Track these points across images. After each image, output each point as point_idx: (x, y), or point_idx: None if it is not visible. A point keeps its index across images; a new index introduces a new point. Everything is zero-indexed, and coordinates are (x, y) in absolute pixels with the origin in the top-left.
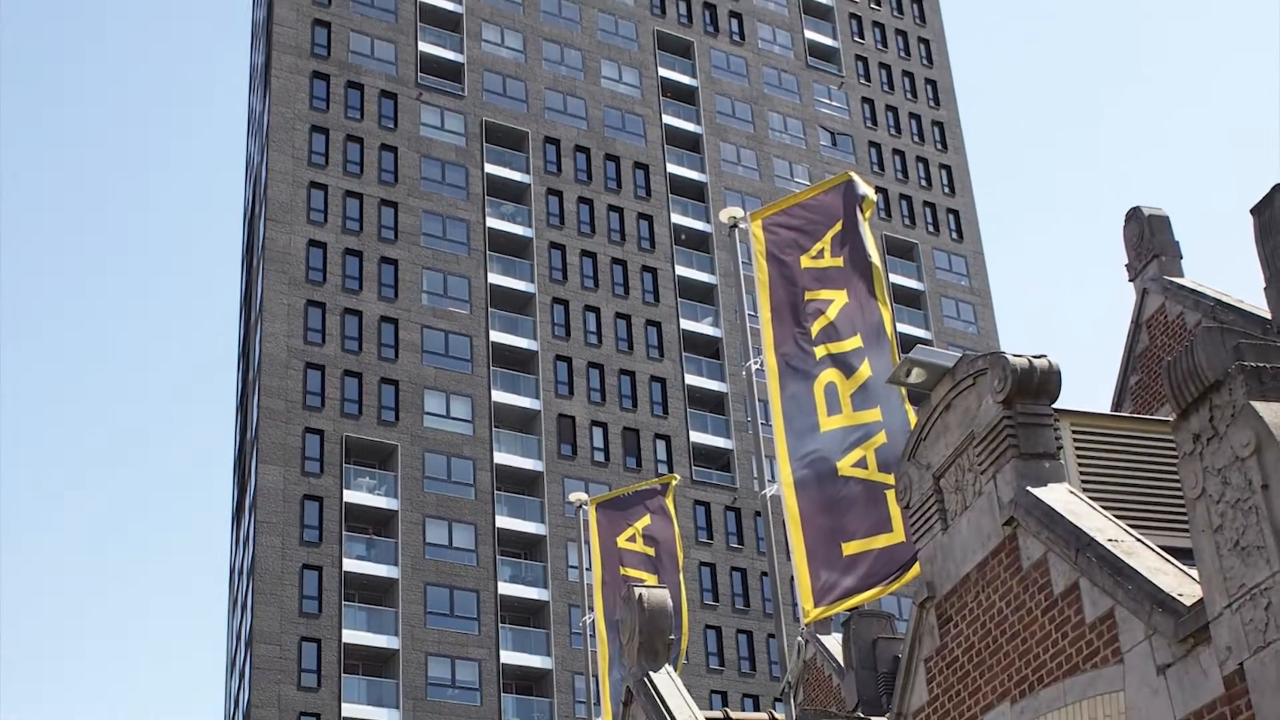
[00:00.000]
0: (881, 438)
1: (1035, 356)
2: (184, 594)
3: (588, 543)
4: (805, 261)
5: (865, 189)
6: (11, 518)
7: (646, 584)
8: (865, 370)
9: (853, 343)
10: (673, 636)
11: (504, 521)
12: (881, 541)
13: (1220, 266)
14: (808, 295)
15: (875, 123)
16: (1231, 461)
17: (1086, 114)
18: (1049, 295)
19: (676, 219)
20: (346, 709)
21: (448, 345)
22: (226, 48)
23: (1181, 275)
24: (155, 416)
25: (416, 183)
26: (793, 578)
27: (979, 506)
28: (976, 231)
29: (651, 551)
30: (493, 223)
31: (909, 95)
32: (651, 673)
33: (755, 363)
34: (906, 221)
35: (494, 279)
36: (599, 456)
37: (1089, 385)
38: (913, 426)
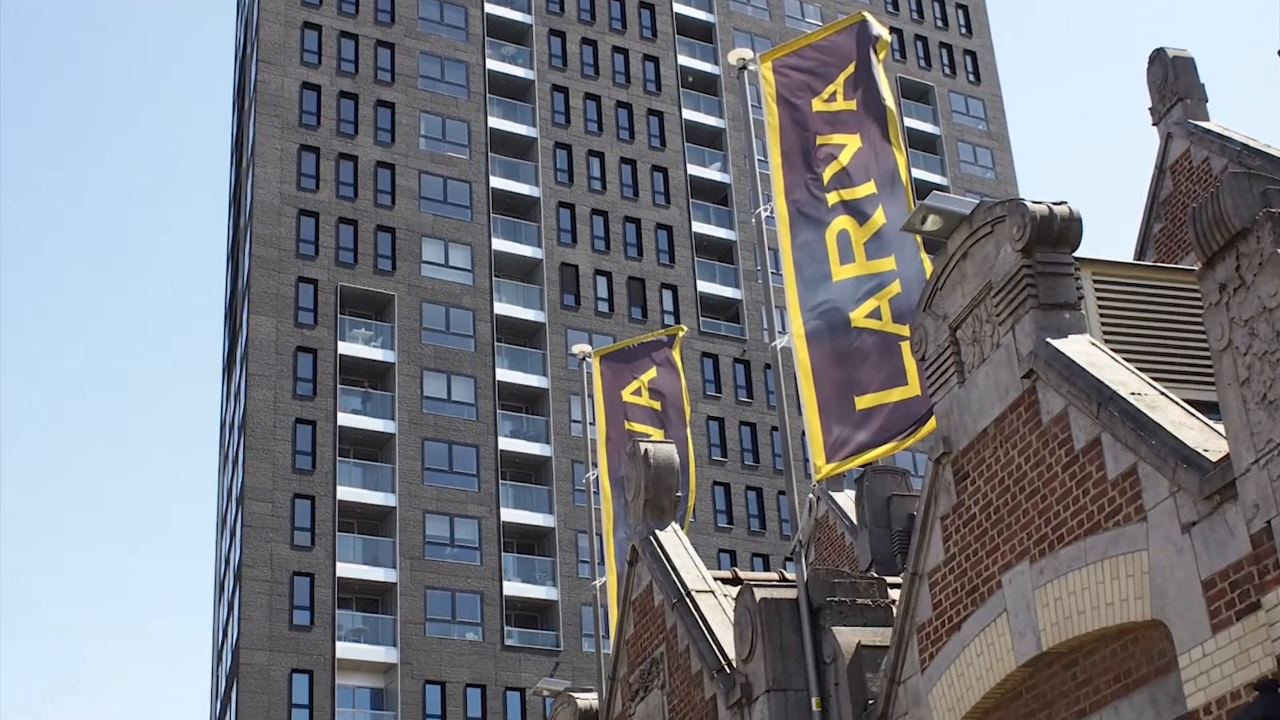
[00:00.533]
0: (896, 287)
1: (1055, 203)
2: (173, 449)
3: (591, 396)
4: (817, 105)
5: (879, 29)
6: None
7: (652, 439)
8: (879, 217)
9: (866, 189)
10: (679, 494)
11: (504, 374)
12: (896, 395)
13: (1247, 110)
14: (819, 140)
15: None
16: (1259, 312)
17: None
18: (1069, 140)
19: (683, 61)
20: (341, 568)
21: (446, 191)
22: None
23: (1207, 119)
24: (143, 265)
25: (414, 23)
26: (804, 432)
27: (997, 359)
28: (994, 74)
29: (657, 405)
30: (493, 65)
31: None
32: (657, 531)
33: (765, 209)
34: (922, 63)
35: (494, 123)
36: (603, 307)
37: (1111, 233)
38: (928, 276)
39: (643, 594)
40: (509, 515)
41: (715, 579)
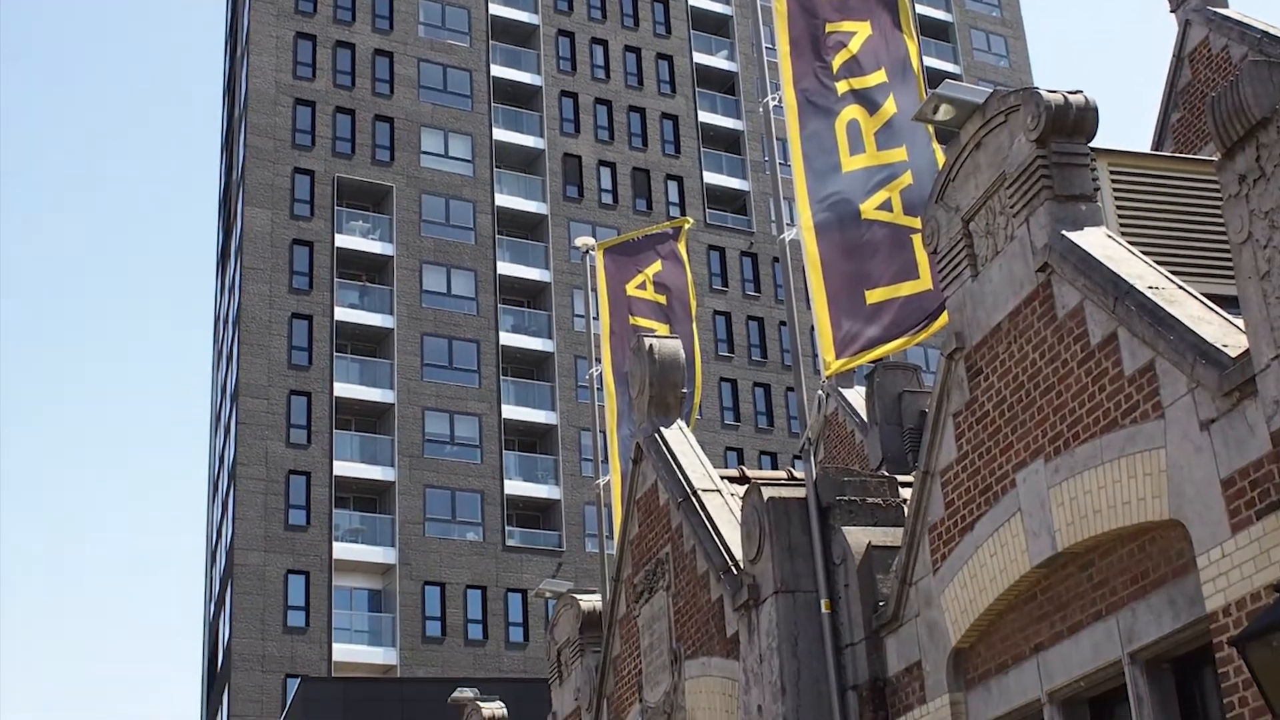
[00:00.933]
0: (907, 178)
1: (1071, 92)
2: (166, 344)
3: (595, 290)
4: None
5: None
6: None
7: (657, 334)
8: (890, 107)
9: (876, 77)
10: (685, 390)
11: (506, 268)
12: (907, 289)
13: None
14: (829, 27)
15: None
16: None
17: None
18: (1085, 27)
19: None
20: (338, 467)
21: (446, 80)
22: None
23: (1226, 5)
24: (136, 154)
25: None
26: (813, 327)
27: (1011, 251)
28: None
29: (662, 299)
30: None
31: None
32: (663, 428)
33: (773, 99)
34: None
35: (495, 9)
36: (607, 198)
37: (1128, 123)
38: (940, 167)
39: (647, 493)
40: (510, 412)
41: (722, 477)
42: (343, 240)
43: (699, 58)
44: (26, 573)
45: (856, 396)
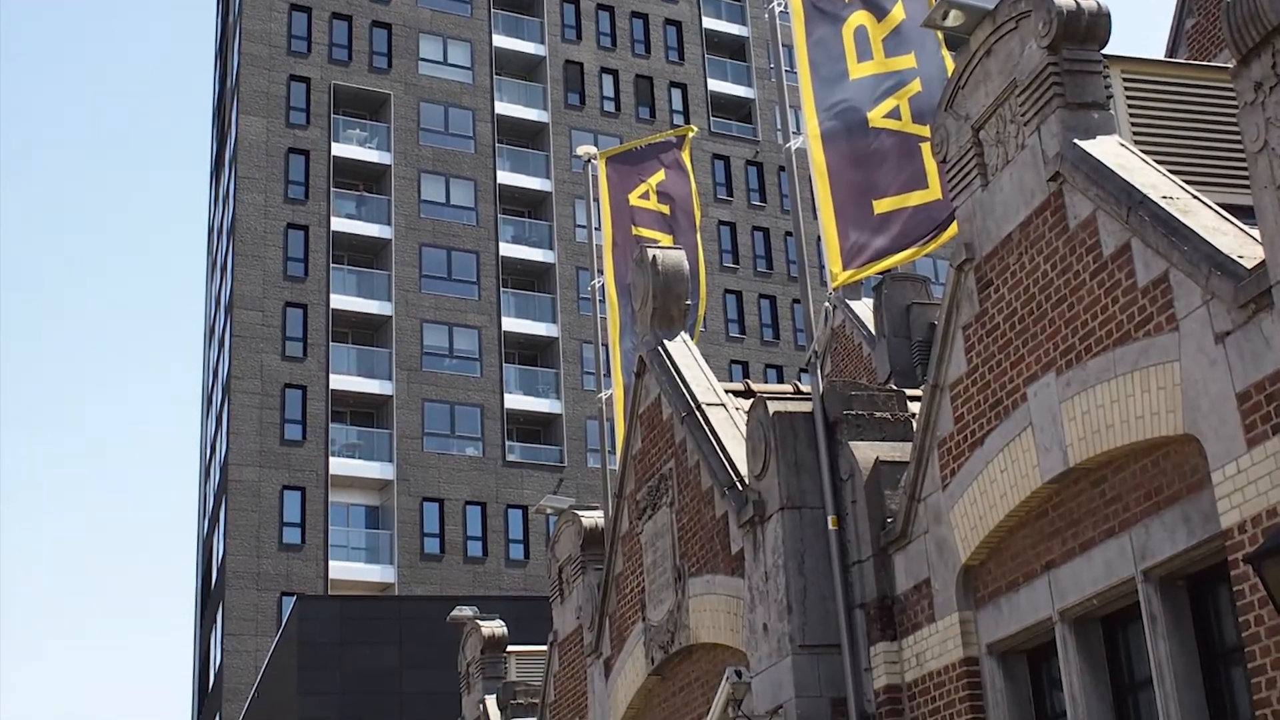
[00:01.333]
0: (916, 86)
1: None
2: (160, 255)
3: (596, 200)
4: None
5: None
6: None
7: (661, 245)
8: (898, 12)
9: None
10: (689, 302)
11: (506, 177)
12: (916, 199)
13: None
14: None
15: None
16: None
17: None
18: None
19: None
20: (334, 380)
21: None
22: None
23: None
24: (128, 62)
25: None
26: (819, 238)
27: (1022, 160)
28: None
29: (666, 209)
30: None
31: None
32: (666, 341)
33: (779, 4)
34: None
35: None
36: (609, 106)
37: (1141, 29)
38: (950, 74)
39: (650, 407)
40: (510, 324)
41: (727, 391)
42: (339, 149)
43: None
44: (17, 485)
45: (864, 308)
